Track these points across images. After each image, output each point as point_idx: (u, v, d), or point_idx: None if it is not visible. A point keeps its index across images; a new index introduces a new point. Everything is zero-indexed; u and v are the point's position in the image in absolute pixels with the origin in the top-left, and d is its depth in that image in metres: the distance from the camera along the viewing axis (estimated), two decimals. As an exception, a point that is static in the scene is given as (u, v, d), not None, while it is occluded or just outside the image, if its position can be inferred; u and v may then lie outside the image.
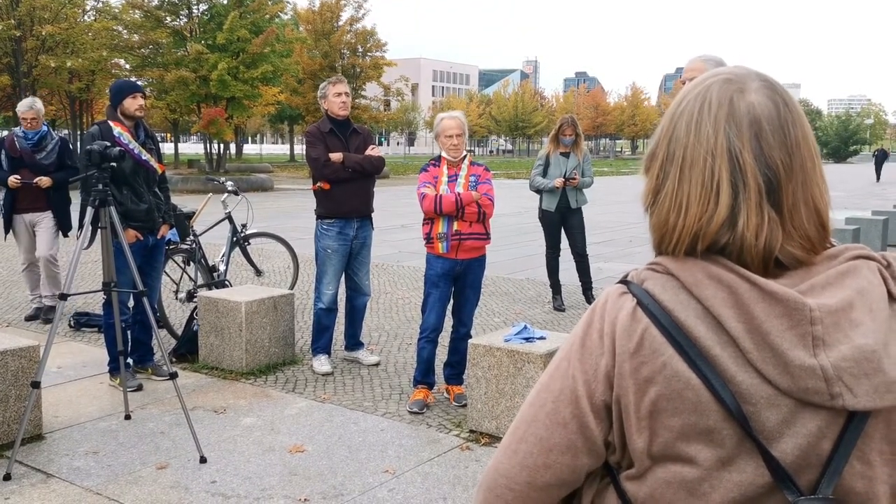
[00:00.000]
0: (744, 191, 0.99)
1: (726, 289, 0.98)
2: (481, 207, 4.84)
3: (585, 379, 1.06)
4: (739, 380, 0.96)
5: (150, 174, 5.30)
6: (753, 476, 0.97)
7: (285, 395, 5.14)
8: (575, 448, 1.07)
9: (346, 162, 5.51)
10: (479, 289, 5.11)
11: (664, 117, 1.09)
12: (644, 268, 1.07)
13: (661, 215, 1.04)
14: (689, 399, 0.98)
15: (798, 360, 0.94)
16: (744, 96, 1.01)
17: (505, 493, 1.10)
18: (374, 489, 3.77)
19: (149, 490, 3.72)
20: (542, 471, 1.08)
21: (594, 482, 1.13)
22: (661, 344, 0.99)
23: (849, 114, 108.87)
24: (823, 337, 0.95)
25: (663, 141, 1.06)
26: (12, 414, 4.23)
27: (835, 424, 0.96)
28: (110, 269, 4.55)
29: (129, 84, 5.34)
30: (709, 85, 1.04)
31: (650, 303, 1.01)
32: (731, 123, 1.00)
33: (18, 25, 26.64)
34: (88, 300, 7.65)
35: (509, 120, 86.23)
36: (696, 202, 1.00)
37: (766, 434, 0.96)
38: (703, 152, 1.00)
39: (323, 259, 5.65)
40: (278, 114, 47.55)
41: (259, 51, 29.14)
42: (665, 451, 1.01)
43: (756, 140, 0.99)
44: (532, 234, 12.56)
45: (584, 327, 1.09)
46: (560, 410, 1.07)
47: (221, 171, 30.92)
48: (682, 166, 1.02)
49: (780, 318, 0.95)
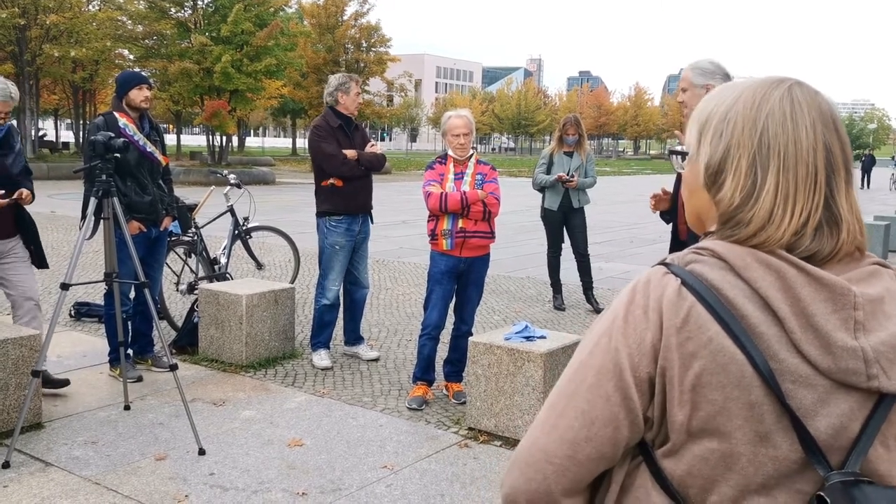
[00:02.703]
0: (836, 180, 1.07)
1: (774, 272, 1.03)
2: (487, 206, 4.84)
3: (629, 352, 1.08)
4: (782, 357, 1.02)
5: (154, 166, 5.29)
6: (788, 452, 1.02)
7: (285, 389, 5.15)
8: (617, 421, 1.09)
9: (362, 159, 5.53)
10: (481, 287, 5.10)
11: (728, 122, 1.11)
12: (688, 252, 1.11)
13: (764, 209, 1.07)
14: (732, 373, 1.02)
15: (841, 342, 1.00)
16: (817, 97, 1.10)
17: (545, 468, 1.11)
18: (372, 484, 3.78)
19: (147, 481, 3.73)
20: (584, 444, 1.10)
21: (625, 462, 1.15)
22: (707, 320, 1.03)
23: (852, 118, 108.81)
24: (864, 322, 1.01)
25: (746, 142, 1.10)
26: (12, 402, 4.23)
27: (864, 408, 1.02)
28: (112, 259, 4.55)
29: (135, 75, 5.33)
30: (789, 87, 1.11)
31: (695, 282, 1.06)
32: (821, 121, 1.08)
33: (23, 14, 26.63)
34: (89, 290, 7.65)
35: (512, 118, 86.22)
36: (802, 195, 1.06)
37: (802, 412, 1.02)
38: (806, 147, 1.07)
39: (330, 255, 5.63)
40: (281, 107, 47.61)
41: (263, 44, 29.14)
42: (704, 426, 1.05)
43: (837, 134, 1.08)
44: (533, 233, 12.56)
45: (625, 305, 1.11)
46: (602, 384, 1.09)
47: (224, 163, 30.94)
48: (784, 162, 1.08)
49: (825, 302, 1.01)
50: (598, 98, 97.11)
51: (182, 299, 7.18)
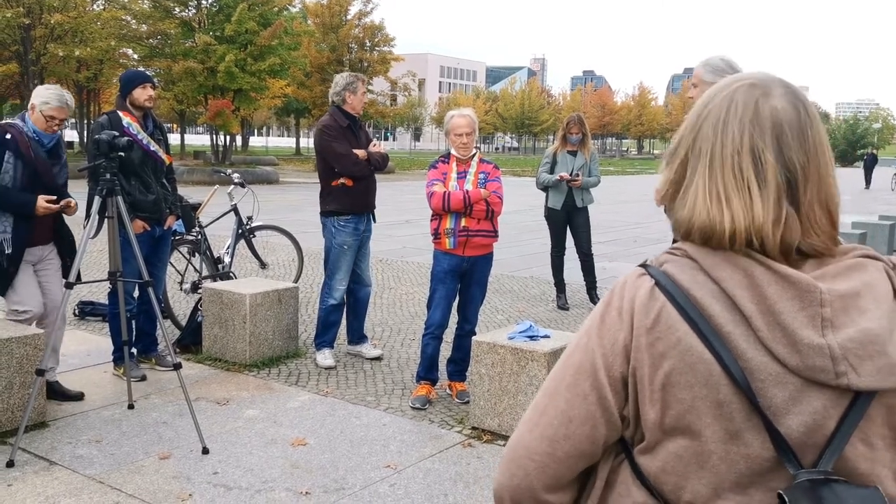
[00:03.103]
0: (764, 187, 1.04)
1: (742, 271, 1.03)
2: (490, 205, 4.84)
3: (604, 353, 1.11)
4: (749, 356, 1.02)
5: (158, 165, 5.30)
6: (760, 450, 1.03)
7: (288, 388, 5.15)
8: (594, 419, 1.12)
9: (371, 158, 5.54)
10: (485, 286, 5.10)
11: (689, 116, 1.15)
12: (664, 252, 1.13)
13: (698, 207, 1.08)
14: (700, 373, 1.03)
15: (807, 339, 1.00)
16: (768, 100, 1.07)
17: (526, 464, 1.14)
18: (376, 484, 3.78)
19: (151, 479, 3.73)
20: (562, 441, 1.12)
21: (609, 458, 1.17)
22: (677, 320, 1.05)
23: (857, 118, 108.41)
24: (832, 319, 1.00)
25: (688, 138, 1.12)
26: (16, 401, 4.24)
27: (839, 405, 1.01)
28: (116, 258, 4.56)
29: (139, 74, 5.33)
30: (735, 89, 1.09)
31: (667, 282, 1.07)
32: (755, 125, 1.06)
33: (27, 13, 26.69)
34: (94, 289, 7.66)
35: (516, 117, 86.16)
36: (735, 195, 1.06)
37: (773, 410, 1.01)
38: (731, 151, 1.06)
39: (338, 255, 5.62)
40: (285, 107, 47.60)
41: (267, 43, 29.17)
42: (676, 424, 1.06)
43: (777, 142, 1.05)
44: (537, 232, 12.55)
45: (603, 306, 1.15)
46: (580, 383, 1.12)
47: (227, 162, 30.97)
48: (710, 162, 1.08)
49: (791, 300, 1.01)
50: (602, 97, 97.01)
51: (186, 298, 7.18)
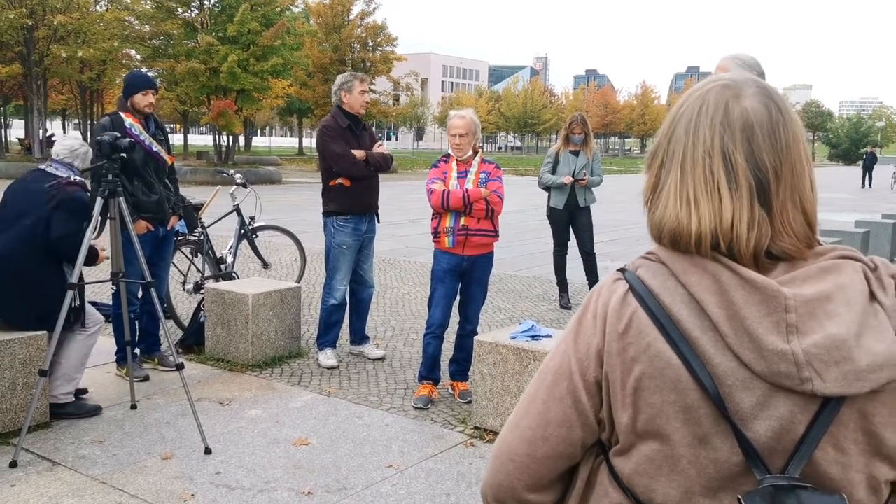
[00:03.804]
0: (736, 189, 1.04)
1: (710, 276, 1.04)
2: (490, 204, 4.83)
3: (578, 357, 1.13)
4: (717, 362, 1.02)
5: (160, 165, 5.31)
6: (728, 455, 1.03)
7: (290, 388, 5.15)
8: (570, 422, 1.14)
9: (370, 159, 5.53)
10: (485, 286, 5.09)
11: (666, 119, 1.15)
12: (640, 257, 1.14)
13: (668, 210, 1.08)
14: (669, 378, 1.04)
15: (772, 345, 0.99)
16: (739, 101, 1.07)
17: (507, 465, 1.18)
18: (378, 484, 3.78)
19: (153, 480, 3.74)
20: (541, 443, 1.15)
21: (590, 459, 1.19)
22: (647, 326, 1.05)
23: (860, 116, 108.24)
24: (797, 324, 1.00)
25: (664, 140, 1.12)
26: (19, 402, 4.25)
27: (808, 410, 1.00)
28: (119, 259, 4.57)
29: (142, 79, 5.32)
30: (708, 90, 1.10)
31: (640, 287, 1.08)
32: (725, 126, 1.06)
33: (31, 14, 26.73)
34: (97, 290, 7.67)
35: (518, 117, 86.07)
36: (703, 197, 1.05)
37: (740, 415, 1.01)
38: (702, 153, 1.06)
39: (337, 255, 5.64)
40: (287, 107, 47.64)
41: (269, 43, 29.20)
42: (647, 428, 1.07)
43: (748, 143, 1.05)
44: (539, 232, 12.55)
45: (581, 311, 1.16)
46: (557, 386, 1.15)
47: (230, 163, 30.99)
48: (682, 165, 1.08)
49: (757, 306, 1.00)
50: (605, 96, 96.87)
51: (188, 298, 7.19)
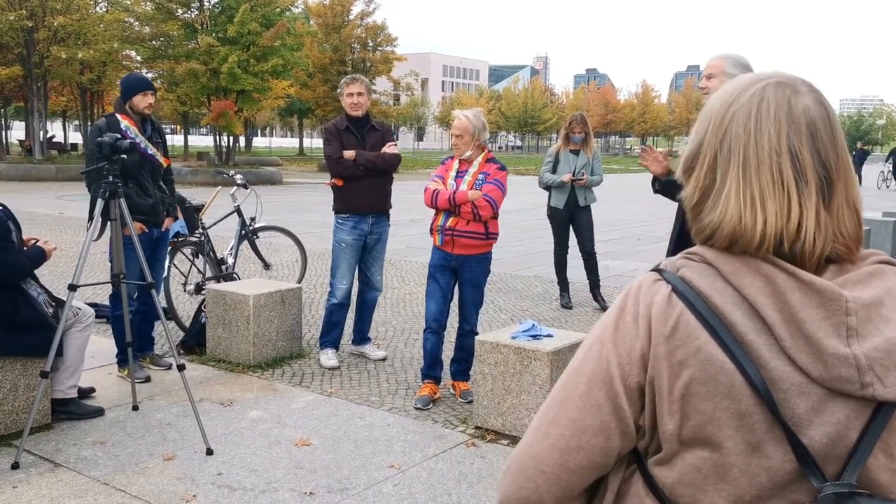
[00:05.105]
0: (806, 188, 1.01)
1: (763, 278, 1.00)
2: (476, 208, 4.76)
3: (619, 361, 1.07)
4: (772, 366, 0.98)
5: (155, 168, 5.30)
6: (781, 462, 0.99)
7: (292, 389, 5.15)
8: (608, 430, 1.07)
9: (359, 160, 5.54)
10: (478, 287, 5.03)
11: (708, 118, 1.09)
12: (679, 257, 1.09)
13: (730, 211, 1.03)
14: (722, 383, 1.00)
15: (832, 349, 0.96)
16: (799, 98, 1.04)
17: (536, 476, 1.09)
18: (380, 484, 3.78)
19: (155, 481, 3.74)
20: (575, 453, 1.08)
21: (620, 470, 1.13)
22: (696, 328, 1.01)
23: (861, 114, 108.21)
24: (857, 328, 0.97)
25: (712, 140, 1.07)
26: (21, 403, 4.26)
27: (862, 416, 0.98)
28: (120, 260, 4.57)
29: (141, 81, 5.32)
30: (763, 86, 1.06)
31: (685, 289, 1.03)
32: (790, 123, 1.03)
33: (31, 16, 26.71)
34: (97, 291, 7.68)
35: (519, 116, 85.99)
36: (771, 199, 1.02)
37: (795, 421, 0.98)
38: (768, 150, 1.02)
39: (337, 253, 5.69)
40: (288, 107, 47.63)
41: (269, 44, 29.18)
42: (695, 435, 1.03)
43: (812, 141, 1.02)
44: (539, 231, 12.54)
45: (617, 312, 1.10)
46: (593, 392, 1.08)
47: (231, 164, 30.98)
48: (744, 164, 1.04)
49: (815, 308, 0.98)
50: (605, 95, 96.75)
51: (189, 300, 7.20)
